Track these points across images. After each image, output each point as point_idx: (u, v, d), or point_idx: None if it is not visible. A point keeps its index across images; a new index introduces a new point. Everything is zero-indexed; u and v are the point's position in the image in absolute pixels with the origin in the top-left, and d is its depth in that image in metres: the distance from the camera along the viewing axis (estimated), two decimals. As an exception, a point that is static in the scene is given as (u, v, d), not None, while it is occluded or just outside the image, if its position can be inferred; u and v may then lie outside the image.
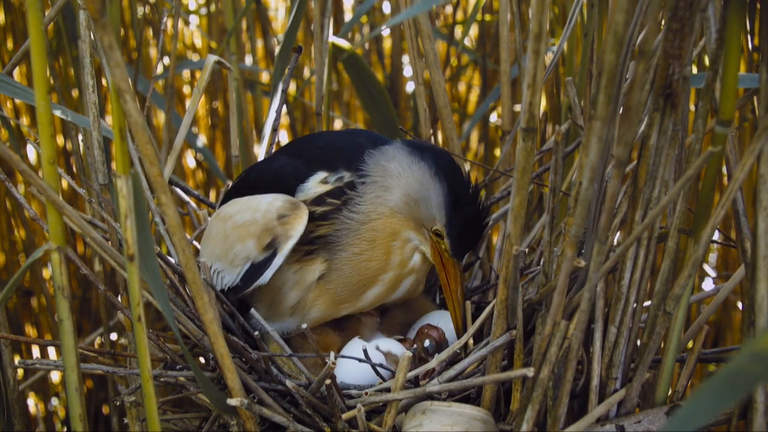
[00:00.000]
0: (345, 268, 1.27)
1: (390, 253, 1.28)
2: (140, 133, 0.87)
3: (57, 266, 0.96)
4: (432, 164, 1.25)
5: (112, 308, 1.90)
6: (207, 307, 1.02)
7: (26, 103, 2.14)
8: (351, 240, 1.26)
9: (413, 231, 1.28)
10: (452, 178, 1.25)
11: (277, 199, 1.26)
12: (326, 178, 1.28)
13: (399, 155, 1.28)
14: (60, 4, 1.36)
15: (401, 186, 1.26)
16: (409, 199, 1.26)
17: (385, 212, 1.27)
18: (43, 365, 1.22)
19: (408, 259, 1.30)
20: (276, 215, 1.24)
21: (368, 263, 1.27)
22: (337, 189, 1.27)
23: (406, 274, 1.31)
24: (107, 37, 0.81)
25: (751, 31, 1.40)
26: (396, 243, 1.28)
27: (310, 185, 1.29)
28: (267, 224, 1.24)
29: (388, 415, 1.13)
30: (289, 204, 1.25)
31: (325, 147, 1.36)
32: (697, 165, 0.91)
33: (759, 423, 1.04)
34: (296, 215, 1.24)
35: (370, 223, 1.26)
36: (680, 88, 0.96)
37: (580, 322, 0.99)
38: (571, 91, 1.36)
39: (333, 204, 1.27)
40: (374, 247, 1.27)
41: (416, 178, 1.25)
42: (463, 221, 1.26)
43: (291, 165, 1.33)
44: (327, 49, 1.68)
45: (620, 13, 0.79)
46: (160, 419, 0.97)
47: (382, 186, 1.27)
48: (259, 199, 1.28)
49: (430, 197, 1.25)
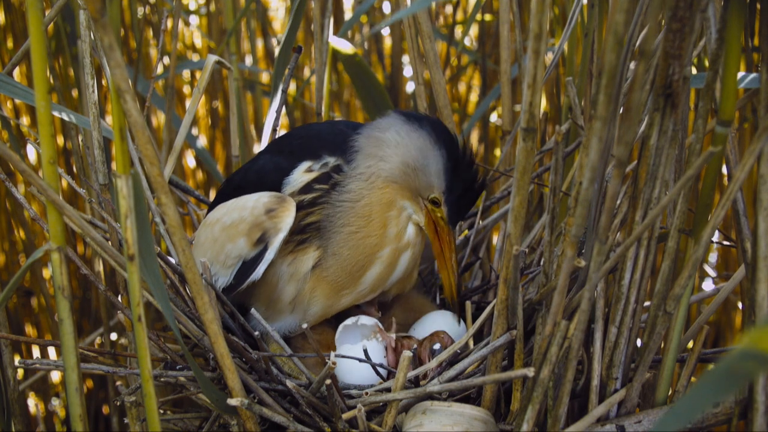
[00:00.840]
0: (342, 251, 1.27)
1: (386, 226, 1.28)
2: (140, 133, 0.87)
3: (57, 266, 0.96)
4: (431, 132, 1.27)
5: (113, 308, 1.90)
6: (207, 307, 1.02)
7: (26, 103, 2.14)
8: (346, 220, 1.26)
9: (408, 200, 1.29)
10: (451, 145, 1.27)
11: (263, 195, 1.27)
12: (311, 166, 1.29)
13: (395, 125, 1.28)
14: (60, 4, 1.36)
15: (399, 154, 1.27)
16: (407, 167, 1.27)
17: (378, 183, 1.27)
18: (43, 365, 1.22)
19: (403, 230, 1.30)
20: (264, 210, 1.25)
21: (365, 240, 1.27)
22: (323, 175, 1.28)
23: (403, 248, 1.31)
24: (107, 37, 0.81)
25: (751, 31, 1.40)
26: (392, 213, 1.28)
27: (295, 176, 1.29)
28: (255, 220, 1.24)
29: (389, 414, 1.13)
30: (275, 198, 1.26)
31: (306, 137, 1.36)
32: (697, 165, 0.91)
33: (759, 423, 1.04)
34: (284, 207, 1.25)
35: (364, 199, 1.27)
36: (680, 88, 0.96)
37: (580, 322, 0.99)
38: (572, 91, 1.36)
39: (321, 189, 1.27)
40: (370, 222, 1.27)
41: (416, 145, 1.26)
42: (462, 187, 1.28)
43: (273, 161, 1.34)
44: (327, 49, 1.68)
45: (620, 13, 0.79)
46: (160, 419, 0.97)
47: (376, 157, 1.27)
48: (246, 198, 1.29)
49: (429, 164, 1.26)
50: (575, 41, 1.54)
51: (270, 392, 1.17)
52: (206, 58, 1.55)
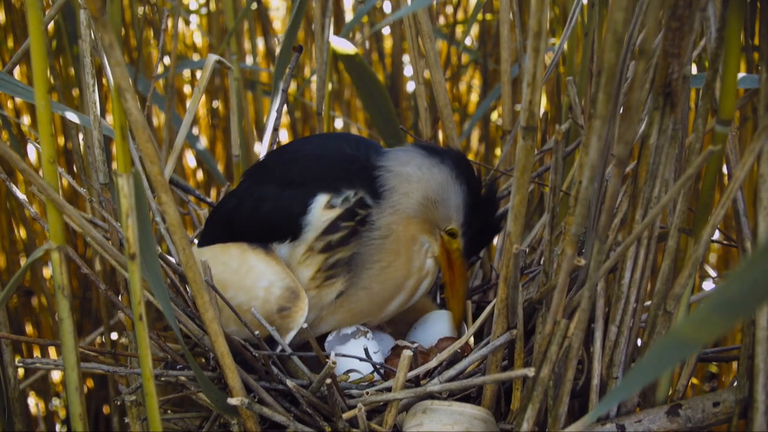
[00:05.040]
0: (373, 285, 1.25)
1: (411, 260, 1.27)
2: (141, 132, 0.87)
3: (57, 265, 0.96)
4: (453, 167, 1.26)
5: (113, 307, 1.90)
6: (207, 306, 1.02)
7: (27, 103, 2.14)
8: (378, 256, 1.24)
9: (426, 234, 1.28)
10: (472, 180, 1.27)
11: (275, 284, 1.21)
12: (330, 201, 1.24)
13: (416, 158, 1.26)
14: (60, 3, 1.36)
15: (420, 189, 1.25)
16: (428, 201, 1.25)
17: (402, 220, 1.25)
18: (43, 365, 1.22)
19: (424, 262, 1.29)
20: (276, 307, 1.21)
21: (395, 273, 1.26)
22: (347, 211, 1.23)
23: (423, 277, 1.30)
24: (108, 36, 0.81)
25: (751, 30, 1.40)
26: (416, 248, 1.27)
27: (315, 215, 1.24)
28: (267, 317, 1.20)
29: (389, 414, 1.13)
30: (288, 293, 1.21)
31: (315, 166, 1.30)
32: (697, 164, 0.91)
33: (759, 422, 1.04)
34: (297, 307, 1.20)
35: (393, 234, 1.25)
36: (680, 87, 0.96)
37: (580, 321, 0.99)
38: (572, 90, 1.36)
39: (347, 227, 1.23)
40: (398, 257, 1.26)
41: (437, 180, 1.25)
42: (481, 223, 1.28)
43: (284, 199, 1.27)
44: (327, 48, 1.68)
45: (619, 12, 0.79)
46: (161, 419, 0.97)
47: (400, 193, 1.25)
48: (254, 279, 1.22)
49: (449, 199, 1.26)
50: (575, 40, 1.54)
51: (270, 392, 1.17)
52: (207, 57, 1.55)
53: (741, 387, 1.09)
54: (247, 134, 2.13)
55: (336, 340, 1.31)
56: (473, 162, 1.65)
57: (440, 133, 1.94)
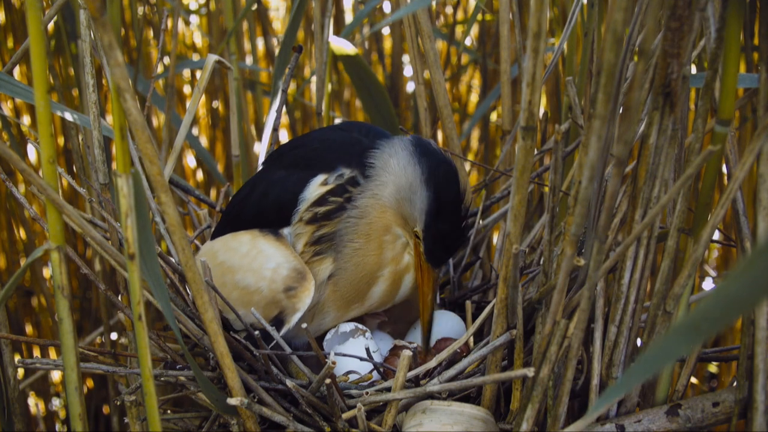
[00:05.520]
0: (348, 265, 1.27)
1: (382, 248, 1.28)
2: (140, 132, 0.87)
3: (57, 265, 0.96)
4: (425, 170, 1.25)
5: (113, 308, 1.90)
6: (207, 306, 1.02)
7: (27, 103, 2.14)
8: (351, 236, 1.26)
9: (401, 228, 1.29)
10: (441, 189, 1.25)
11: (282, 265, 1.23)
12: (326, 179, 1.27)
13: (401, 153, 1.28)
14: (60, 3, 1.36)
15: (394, 183, 1.26)
16: (399, 195, 1.27)
17: (377, 206, 1.27)
18: (43, 365, 1.22)
19: (400, 255, 1.30)
20: (282, 287, 1.22)
21: (365, 258, 1.27)
22: (338, 187, 1.27)
23: (403, 270, 1.31)
24: (107, 37, 0.81)
25: (751, 30, 1.40)
26: (387, 237, 1.28)
27: (310, 190, 1.27)
28: (273, 297, 1.22)
29: (389, 414, 1.13)
30: (295, 273, 1.23)
31: (320, 148, 1.34)
32: (696, 164, 0.91)
33: (759, 422, 1.04)
34: (304, 287, 1.22)
35: (366, 217, 1.26)
36: (679, 87, 0.96)
37: (580, 321, 0.99)
38: (571, 90, 1.36)
39: (335, 202, 1.26)
40: (369, 242, 1.27)
41: (408, 179, 1.26)
42: (439, 234, 1.27)
43: (290, 180, 1.30)
44: (327, 48, 1.68)
45: (619, 12, 0.79)
46: (160, 419, 0.97)
47: (379, 181, 1.27)
48: (262, 261, 1.24)
49: (415, 201, 1.26)
50: (575, 41, 1.54)
51: (270, 392, 1.17)
52: (206, 57, 1.55)
53: (741, 387, 1.09)
54: (246, 134, 2.13)
55: (335, 339, 1.31)
56: (473, 162, 1.65)
57: (440, 133, 1.94)
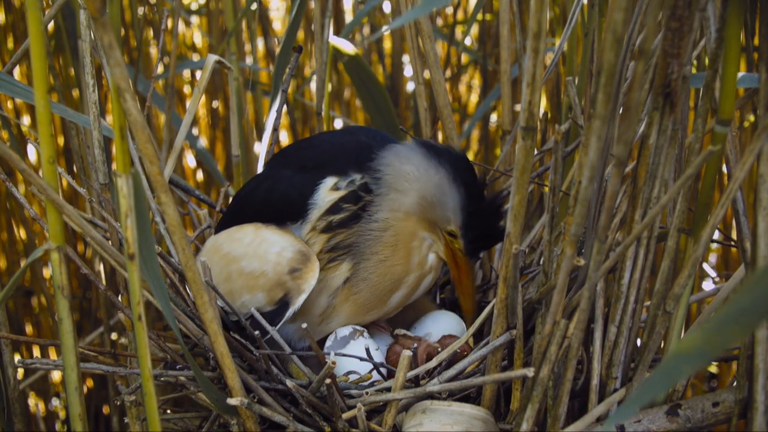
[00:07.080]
0: (372, 276, 1.27)
1: (410, 255, 1.28)
2: (140, 132, 0.87)
3: (57, 266, 0.96)
4: (450, 170, 1.25)
5: (113, 308, 1.90)
6: (207, 306, 1.02)
7: (27, 103, 2.14)
8: (375, 248, 1.26)
9: (427, 231, 1.29)
10: (470, 183, 1.26)
11: (287, 248, 1.24)
12: (336, 183, 1.27)
13: (414, 158, 1.26)
14: (60, 3, 1.36)
15: (417, 189, 1.25)
16: (425, 201, 1.26)
17: (400, 216, 1.26)
18: (43, 365, 1.22)
19: (425, 258, 1.30)
20: (287, 268, 1.22)
21: (393, 268, 1.27)
22: (350, 193, 1.26)
23: (426, 273, 1.32)
24: (107, 36, 0.81)
25: (751, 30, 1.40)
26: (415, 243, 1.28)
27: (321, 196, 1.27)
28: (278, 279, 1.22)
29: (389, 414, 1.13)
30: (300, 256, 1.23)
31: (328, 151, 1.34)
32: (696, 164, 0.91)
33: (759, 422, 1.04)
34: (308, 268, 1.22)
35: (390, 229, 1.26)
36: (679, 87, 0.96)
37: (579, 321, 0.99)
38: (572, 90, 1.36)
39: (349, 210, 1.25)
40: (396, 251, 1.27)
41: (434, 182, 1.25)
42: (480, 227, 1.27)
43: (297, 181, 1.30)
44: (327, 49, 1.68)
45: (619, 12, 0.79)
46: (160, 419, 0.97)
47: (397, 189, 1.26)
48: (266, 246, 1.25)
49: (447, 201, 1.26)
50: (575, 41, 1.54)
51: (270, 392, 1.17)
52: (206, 57, 1.55)
53: (740, 387, 1.09)
54: (246, 134, 2.13)
55: (335, 345, 1.31)
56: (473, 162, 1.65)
57: (440, 133, 1.94)
